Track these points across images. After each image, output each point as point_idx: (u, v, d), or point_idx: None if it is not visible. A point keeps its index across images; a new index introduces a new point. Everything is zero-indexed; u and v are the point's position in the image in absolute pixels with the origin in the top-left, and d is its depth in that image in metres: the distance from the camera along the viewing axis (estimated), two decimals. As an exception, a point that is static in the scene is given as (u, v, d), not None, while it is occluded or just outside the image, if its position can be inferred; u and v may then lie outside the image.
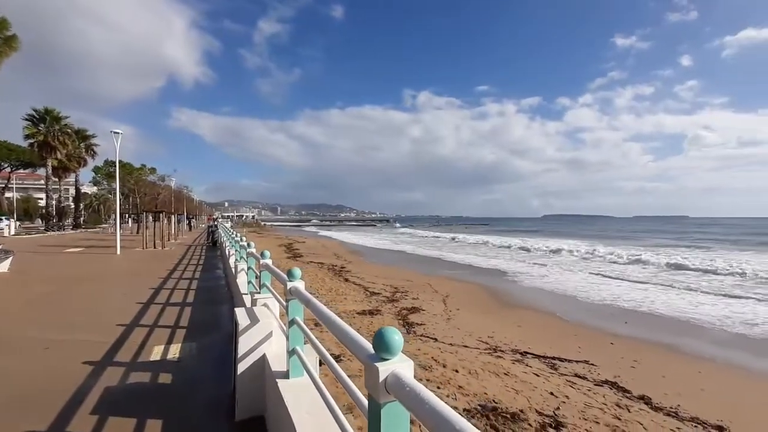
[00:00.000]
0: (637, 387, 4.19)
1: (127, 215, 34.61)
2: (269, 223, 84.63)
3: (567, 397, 3.78)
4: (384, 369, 0.90)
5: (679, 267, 14.93)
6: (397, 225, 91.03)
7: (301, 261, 15.15)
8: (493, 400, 3.65)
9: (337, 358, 4.10)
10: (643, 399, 3.89)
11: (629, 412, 3.56)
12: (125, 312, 5.32)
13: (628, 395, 3.98)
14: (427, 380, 4.06)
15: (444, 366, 4.54)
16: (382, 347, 0.92)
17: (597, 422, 3.27)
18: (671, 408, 3.72)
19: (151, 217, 23.74)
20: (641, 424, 3.31)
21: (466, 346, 5.48)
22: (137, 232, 24.90)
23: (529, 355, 5.12)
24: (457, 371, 4.41)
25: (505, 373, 4.38)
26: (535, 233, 48.74)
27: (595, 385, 4.21)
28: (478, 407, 3.43)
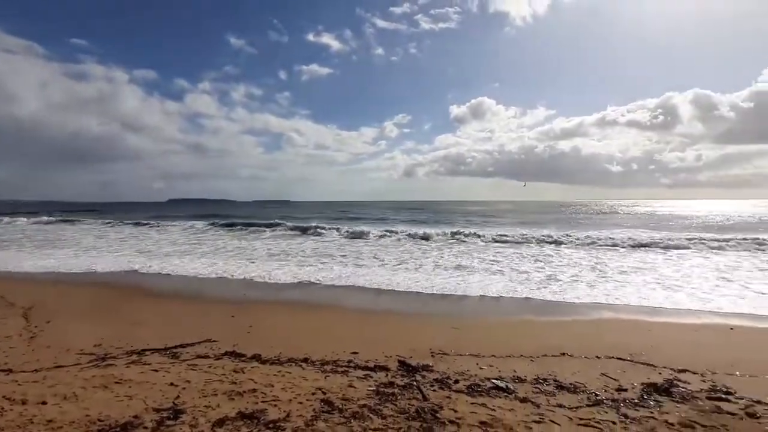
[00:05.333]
0: (252, 349, 4.81)
1: None
2: None
3: (188, 381, 3.78)
4: None
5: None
6: None
7: None
8: (99, 420, 3.09)
9: None
10: (256, 358, 4.52)
11: (244, 373, 4.02)
12: None
13: (243, 359, 4.49)
14: (-13, 434, 2.87)
15: (24, 403, 3.37)
16: None
17: (215, 394, 3.47)
18: (275, 357, 4.55)
19: None
20: (253, 380, 3.82)
21: (60, 366, 4.33)
22: None
23: (147, 352, 4.71)
24: (45, 403, 3.38)
25: (117, 382, 3.81)
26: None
27: (216, 359, 4.47)
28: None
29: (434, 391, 3.66)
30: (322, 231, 21.41)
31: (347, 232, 20.97)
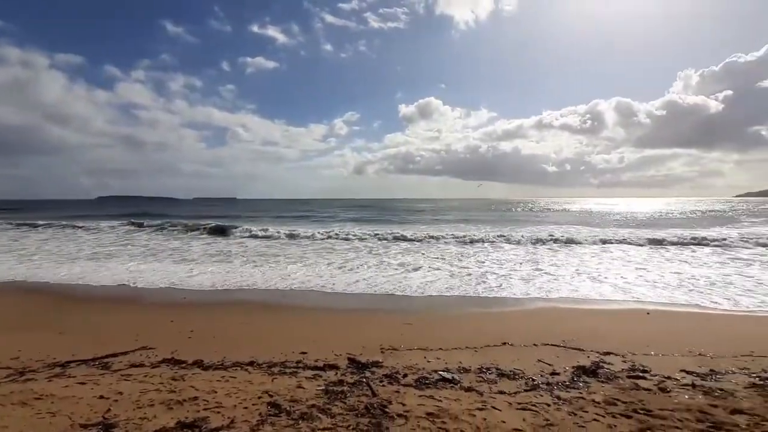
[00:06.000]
0: (193, 354, 4.57)
1: None
2: None
3: (120, 393, 3.51)
4: None
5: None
6: None
7: None
8: (14, 442, 2.78)
9: None
10: (197, 364, 4.30)
11: (184, 380, 3.81)
12: None
13: (183, 366, 4.25)
14: None
15: None
16: None
17: (152, 405, 3.25)
18: (218, 362, 4.36)
19: None
20: (194, 387, 3.63)
21: (-32, 386, 3.84)
22: None
23: (73, 364, 4.30)
24: (-51, 426, 2.99)
25: (38, 398, 3.45)
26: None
27: (153, 368, 4.19)
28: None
29: (383, 386, 3.71)
30: (268, 230, 20.74)
31: (294, 231, 20.51)
